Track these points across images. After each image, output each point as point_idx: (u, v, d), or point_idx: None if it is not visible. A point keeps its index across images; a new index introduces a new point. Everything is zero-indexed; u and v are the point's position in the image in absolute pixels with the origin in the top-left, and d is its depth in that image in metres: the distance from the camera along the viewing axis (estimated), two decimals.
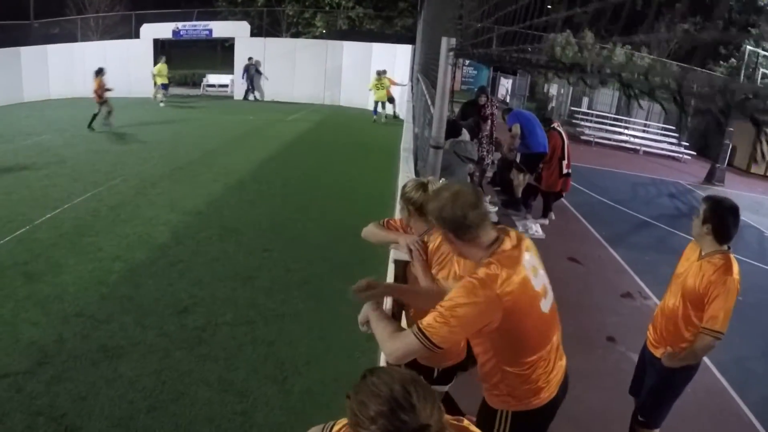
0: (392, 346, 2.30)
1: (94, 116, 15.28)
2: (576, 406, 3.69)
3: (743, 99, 0.87)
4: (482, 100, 9.95)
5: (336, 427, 1.85)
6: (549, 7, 1.94)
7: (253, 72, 21.84)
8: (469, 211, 2.33)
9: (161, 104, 20.32)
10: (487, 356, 2.53)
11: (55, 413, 4.22)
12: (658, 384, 3.74)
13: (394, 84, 19.39)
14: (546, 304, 2.47)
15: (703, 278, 3.36)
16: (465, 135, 6.11)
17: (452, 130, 5.90)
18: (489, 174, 11.05)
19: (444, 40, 4.07)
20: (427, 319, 2.24)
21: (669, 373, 3.63)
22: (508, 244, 2.40)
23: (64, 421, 4.14)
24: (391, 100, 19.69)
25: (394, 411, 1.43)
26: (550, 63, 1.98)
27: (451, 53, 4.04)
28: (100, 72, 15.58)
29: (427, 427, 1.43)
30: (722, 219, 3.39)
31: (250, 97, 22.34)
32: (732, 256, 3.40)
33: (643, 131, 21.18)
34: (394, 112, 20.00)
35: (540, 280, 2.44)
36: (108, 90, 15.48)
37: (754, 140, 17.76)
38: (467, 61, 23.63)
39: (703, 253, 3.48)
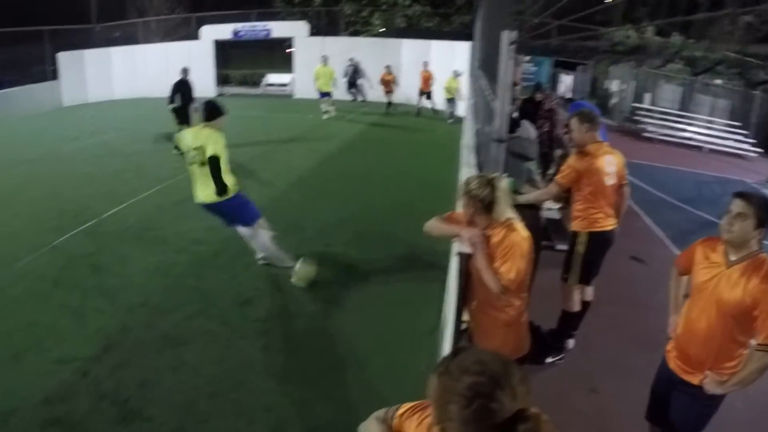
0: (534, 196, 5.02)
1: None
2: (638, 406, 3.60)
3: None
4: (538, 96, 9.75)
5: (400, 411, 1.84)
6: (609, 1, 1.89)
7: (351, 71, 20.68)
8: None
9: (324, 116, 18.18)
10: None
11: (119, 397, 4.36)
12: (695, 410, 3.22)
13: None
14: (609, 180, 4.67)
15: (746, 288, 2.85)
16: (524, 131, 5.99)
17: (510, 125, 5.81)
18: (551, 171, 10.82)
19: (504, 34, 4.03)
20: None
21: (710, 400, 3.13)
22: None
23: (127, 405, 4.28)
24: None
25: (493, 389, 1.31)
26: (612, 48, 1.95)
27: (512, 46, 4.00)
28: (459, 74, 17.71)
29: (524, 412, 1.31)
30: None
31: (357, 98, 21.10)
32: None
33: (707, 128, 20.46)
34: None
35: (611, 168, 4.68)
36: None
37: None
38: (527, 57, 23.14)
39: (732, 258, 2.97)
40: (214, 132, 5.88)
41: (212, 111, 6.01)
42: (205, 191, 6.03)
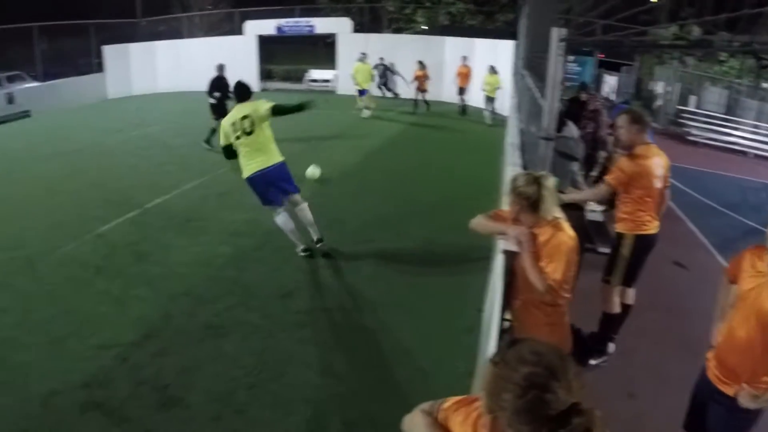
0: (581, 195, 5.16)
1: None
2: (676, 413, 3.52)
3: None
4: (583, 96, 9.61)
5: (446, 404, 1.83)
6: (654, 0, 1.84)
7: (382, 70, 20.30)
8: None
9: (363, 114, 17.94)
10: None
11: (159, 384, 4.43)
12: (731, 423, 3.08)
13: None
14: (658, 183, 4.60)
15: None
16: (569, 131, 5.93)
17: (557, 124, 5.76)
18: (594, 172, 10.61)
19: (554, 31, 3.98)
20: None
21: (745, 413, 2.98)
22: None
23: (166, 392, 4.34)
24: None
25: (549, 380, 1.30)
26: (675, 42, 1.91)
27: (562, 43, 3.95)
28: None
29: (578, 405, 1.30)
30: None
31: (388, 94, 20.72)
32: None
33: (754, 132, 19.91)
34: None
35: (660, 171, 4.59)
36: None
37: None
38: (570, 57, 22.74)
39: None
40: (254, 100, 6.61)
41: (243, 92, 6.68)
42: (262, 157, 6.49)
